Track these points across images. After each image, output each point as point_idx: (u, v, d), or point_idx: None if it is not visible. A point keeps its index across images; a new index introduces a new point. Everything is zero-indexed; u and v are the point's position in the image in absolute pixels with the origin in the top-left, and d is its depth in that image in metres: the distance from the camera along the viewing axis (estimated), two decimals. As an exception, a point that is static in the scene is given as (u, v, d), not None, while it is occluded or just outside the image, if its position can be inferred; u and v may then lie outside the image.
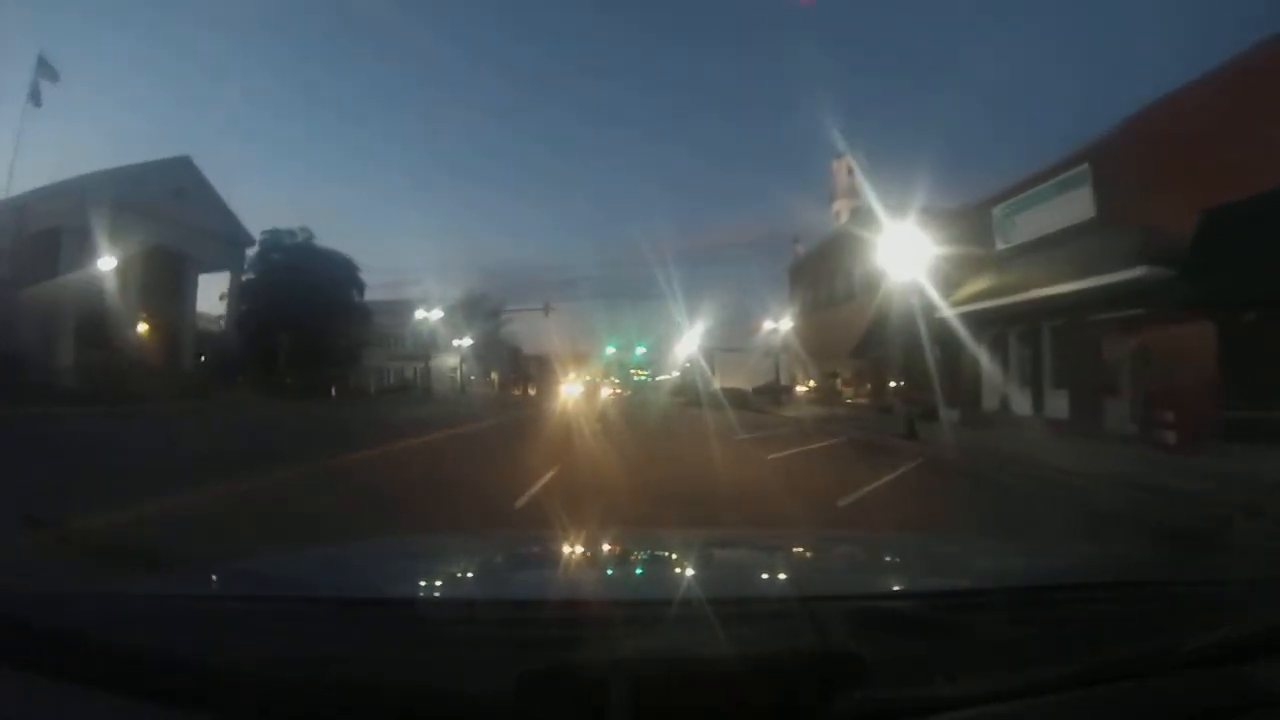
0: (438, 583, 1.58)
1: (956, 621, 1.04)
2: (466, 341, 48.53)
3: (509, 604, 1.27)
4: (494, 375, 60.44)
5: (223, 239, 35.31)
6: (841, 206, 45.38)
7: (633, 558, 1.91)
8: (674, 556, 1.88)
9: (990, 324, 15.74)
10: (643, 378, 64.95)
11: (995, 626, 1.05)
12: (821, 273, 28.55)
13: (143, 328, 32.61)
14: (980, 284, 16.06)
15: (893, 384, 22.20)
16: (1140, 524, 5.84)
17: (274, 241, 35.14)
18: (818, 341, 28.38)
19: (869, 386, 24.78)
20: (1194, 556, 2.69)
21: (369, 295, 39.47)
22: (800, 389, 32.21)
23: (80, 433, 12.45)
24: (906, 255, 17.97)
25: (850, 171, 46.62)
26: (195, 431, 14.26)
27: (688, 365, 50.74)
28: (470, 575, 1.68)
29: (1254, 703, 0.87)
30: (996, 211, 16.27)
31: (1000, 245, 16.10)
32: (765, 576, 1.73)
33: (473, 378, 54.02)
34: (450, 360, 52.12)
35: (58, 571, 2.63)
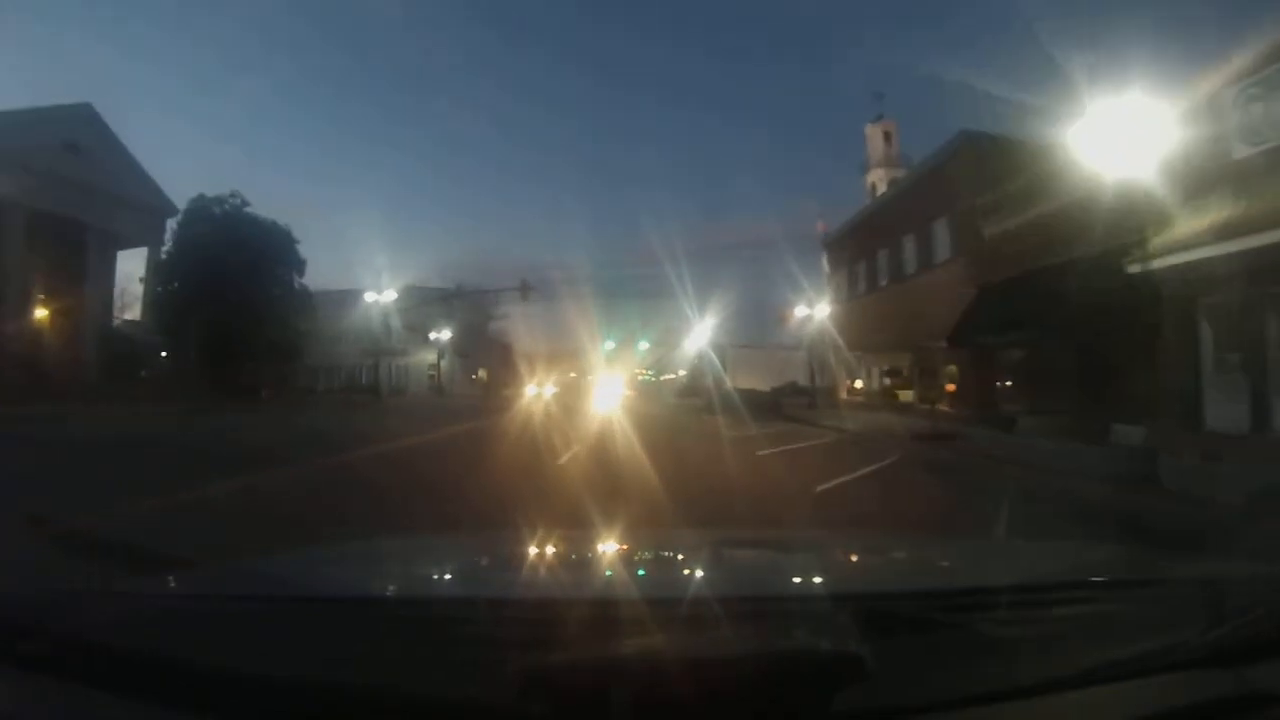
0: (438, 582, 1.56)
1: (956, 621, 1.03)
2: (445, 335, 42.42)
3: (509, 603, 1.23)
4: (482, 374, 54.61)
5: (138, 208, 29.31)
6: (877, 177, 39.00)
7: (633, 557, 1.88)
8: (675, 556, 1.93)
9: (1226, 281, 9.39)
10: (646, 377, 58.85)
11: (995, 626, 1.03)
12: (875, 241, 21.99)
13: (41, 313, 26.94)
14: (1204, 217, 9.68)
15: (996, 384, 15.80)
16: (1141, 524, 5.46)
17: (200, 211, 28.95)
18: (867, 330, 21.95)
19: (950, 387, 18.33)
20: (1194, 556, 2.33)
21: (348, 286, 33.69)
22: (842, 390, 25.66)
23: None
24: (1056, 183, 11.57)
25: (887, 137, 40.27)
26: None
27: (696, 363, 45.54)
28: (470, 574, 1.66)
29: (1254, 703, 0.86)
30: (1234, 94, 9.82)
31: (1243, 149, 9.67)
32: (765, 577, 1.71)
33: (457, 377, 48.34)
34: (431, 357, 46.62)
35: (58, 571, 2.60)
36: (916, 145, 38.87)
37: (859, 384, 24.82)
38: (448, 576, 1.64)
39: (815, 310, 25.09)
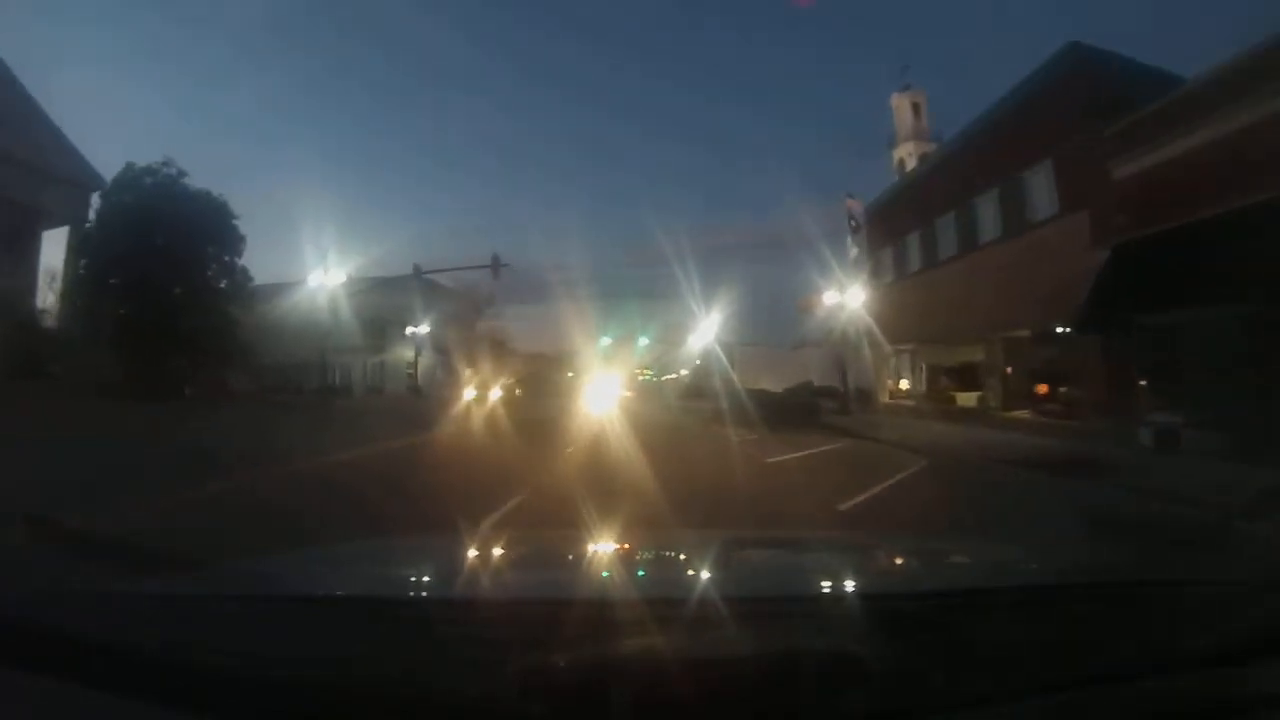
0: (438, 582, 1.53)
1: (956, 621, 1.03)
2: (423, 329, 38.35)
3: (509, 603, 1.23)
4: (469, 374, 50.61)
5: (60, 180, 25.22)
6: (906, 151, 34.82)
7: (633, 557, 1.84)
8: (675, 556, 1.89)
9: None
10: (647, 376, 54.85)
11: (995, 626, 1.02)
12: (932, 206, 17.70)
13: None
14: None
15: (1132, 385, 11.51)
16: (1142, 524, 5.36)
17: (128, 182, 24.80)
18: (919, 319, 17.71)
19: (1042, 388, 14.11)
20: (1194, 556, 2.29)
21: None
22: (882, 392, 21.35)
23: None
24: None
25: (916, 109, 36.06)
26: None
27: (701, 362, 41.85)
28: (470, 575, 1.61)
29: (1254, 703, 0.86)
30: None
31: None
32: (766, 577, 1.68)
33: (440, 376, 44.28)
34: (421, 356, 42.81)
35: (58, 571, 2.51)
36: (945, 123, 34.65)
37: (904, 384, 20.55)
38: (448, 577, 1.57)
39: (848, 296, 20.83)
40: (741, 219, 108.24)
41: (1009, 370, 15.51)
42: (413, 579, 1.52)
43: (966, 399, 17.49)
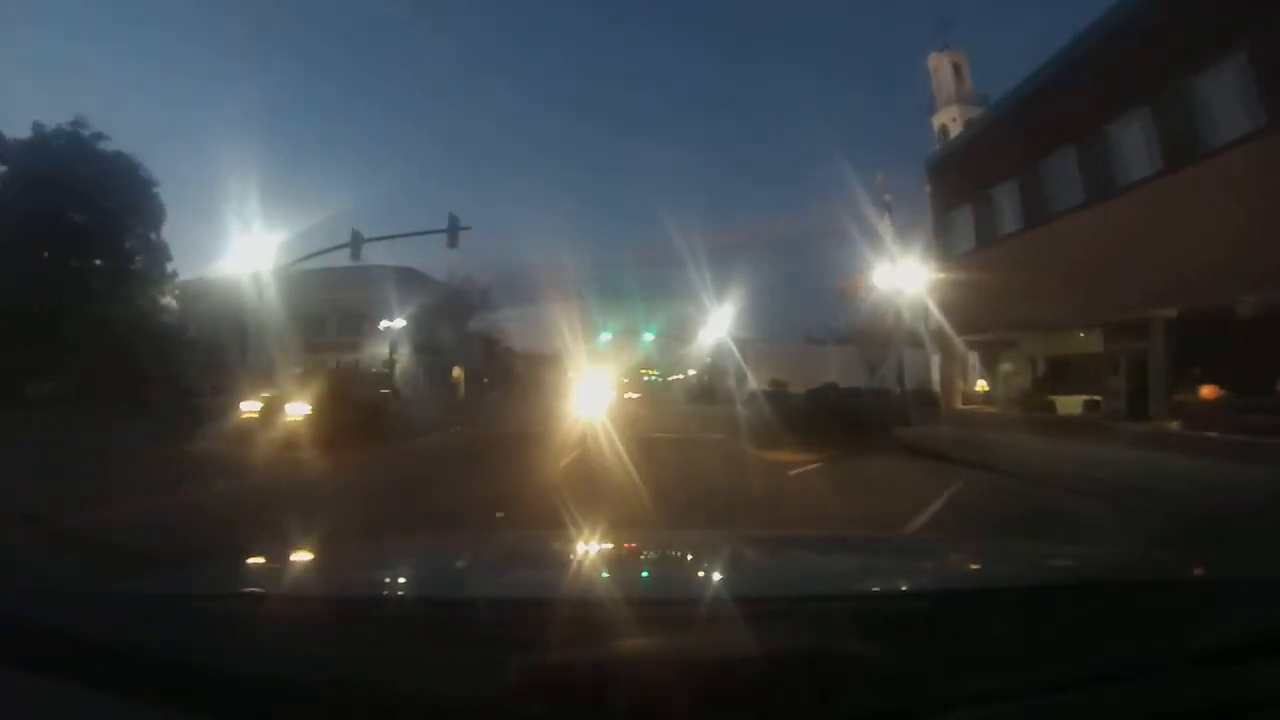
0: (438, 582, 1.51)
1: (956, 621, 1.02)
2: (399, 324, 34.45)
3: (508, 603, 1.19)
4: (457, 373, 46.69)
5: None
6: (948, 117, 30.62)
7: (634, 558, 1.84)
8: (675, 556, 1.88)
9: None
10: (652, 377, 50.89)
11: (995, 626, 1.00)
12: (1036, 141, 13.21)
13: None
14: None
15: None
16: (1141, 525, 5.30)
17: (37, 146, 20.86)
18: (1014, 299, 13.39)
19: (1208, 391, 10.00)
20: (1194, 556, 1.99)
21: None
22: (954, 395, 17.18)
23: None
24: None
25: (957, 70, 31.88)
26: None
27: (713, 361, 38.09)
28: (469, 574, 1.63)
29: (1254, 702, 0.85)
30: None
31: None
32: (765, 576, 1.65)
33: (420, 378, 40.41)
34: (400, 354, 38.82)
35: (57, 570, 2.48)
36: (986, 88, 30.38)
37: (981, 386, 16.36)
38: (447, 576, 1.56)
39: (904, 276, 16.63)
40: (748, 215, 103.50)
41: (1141, 365, 11.36)
42: (413, 578, 1.48)
43: (1069, 405, 13.39)
